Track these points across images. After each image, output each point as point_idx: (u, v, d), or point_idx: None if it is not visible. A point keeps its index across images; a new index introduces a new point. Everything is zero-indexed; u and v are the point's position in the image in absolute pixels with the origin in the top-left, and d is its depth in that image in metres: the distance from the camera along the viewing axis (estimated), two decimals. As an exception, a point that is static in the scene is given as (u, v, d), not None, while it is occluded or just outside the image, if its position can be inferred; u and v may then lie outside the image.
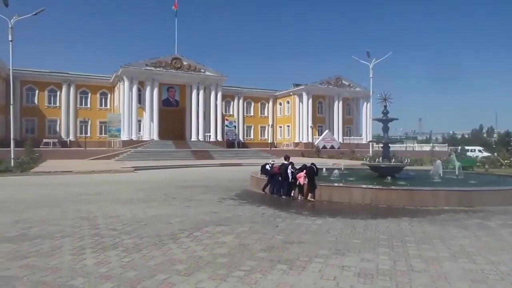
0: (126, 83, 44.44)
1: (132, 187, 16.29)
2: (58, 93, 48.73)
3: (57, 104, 48.70)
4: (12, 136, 28.23)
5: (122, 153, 38.03)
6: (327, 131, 55.98)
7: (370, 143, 43.36)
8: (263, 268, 5.53)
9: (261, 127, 61.63)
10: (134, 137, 44.45)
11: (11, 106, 29.39)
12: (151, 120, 45.83)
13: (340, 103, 57.90)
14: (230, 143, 52.20)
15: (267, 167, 14.47)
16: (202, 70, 49.41)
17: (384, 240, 7.24)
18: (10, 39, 26.78)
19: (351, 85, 59.16)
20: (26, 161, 26.29)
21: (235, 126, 55.60)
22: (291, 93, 58.65)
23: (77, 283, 4.91)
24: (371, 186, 12.35)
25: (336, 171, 16.44)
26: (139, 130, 46.10)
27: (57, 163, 29.68)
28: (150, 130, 45.80)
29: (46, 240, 7.11)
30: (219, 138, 50.02)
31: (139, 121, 46.00)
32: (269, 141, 58.10)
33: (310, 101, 55.79)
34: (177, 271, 5.39)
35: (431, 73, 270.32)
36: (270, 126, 60.94)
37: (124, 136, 44.11)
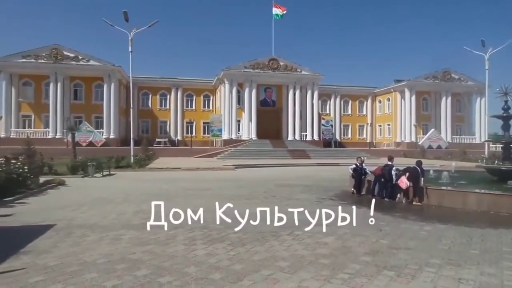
0: (227, 85, 46.89)
1: (234, 184, 17.12)
2: (168, 96, 53.67)
3: (167, 107, 53.68)
4: (131, 136, 31.99)
5: (223, 152, 40.27)
6: (433, 129, 51.60)
7: (486, 143, 38.69)
8: (368, 272, 5.35)
9: (359, 126, 59.53)
10: (234, 137, 46.69)
11: (131, 110, 33.24)
12: (250, 120, 47.59)
13: (449, 99, 52.80)
14: (327, 143, 51.52)
15: (352, 167, 13.93)
16: (298, 70, 49.63)
17: (508, 253, 6.41)
18: (130, 50, 30.28)
19: (462, 79, 53.52)
20: (142, 158, 29.57)
21: (331, 125, 54.76)
22: (391, 90, 55.43)
23: (191, 271, 5.37)
24: (490, 191, 10.99)
25: (445, 173, 15.04)
26: (239, 130, 48.24)
27: (167, 160, 32.72)
28: (248, 130, 47.61)
29: (162, 230, 7.86)
30: (316, 137, 49.69)
31: (238, 121, 48.15)
32: (368, 141, 55.71)
33: (414, 97, 51.97)
34: (280, 268, 5.51)
35: None
36: (368, 125, 58.40)
37: (225, 136, 46.64)
